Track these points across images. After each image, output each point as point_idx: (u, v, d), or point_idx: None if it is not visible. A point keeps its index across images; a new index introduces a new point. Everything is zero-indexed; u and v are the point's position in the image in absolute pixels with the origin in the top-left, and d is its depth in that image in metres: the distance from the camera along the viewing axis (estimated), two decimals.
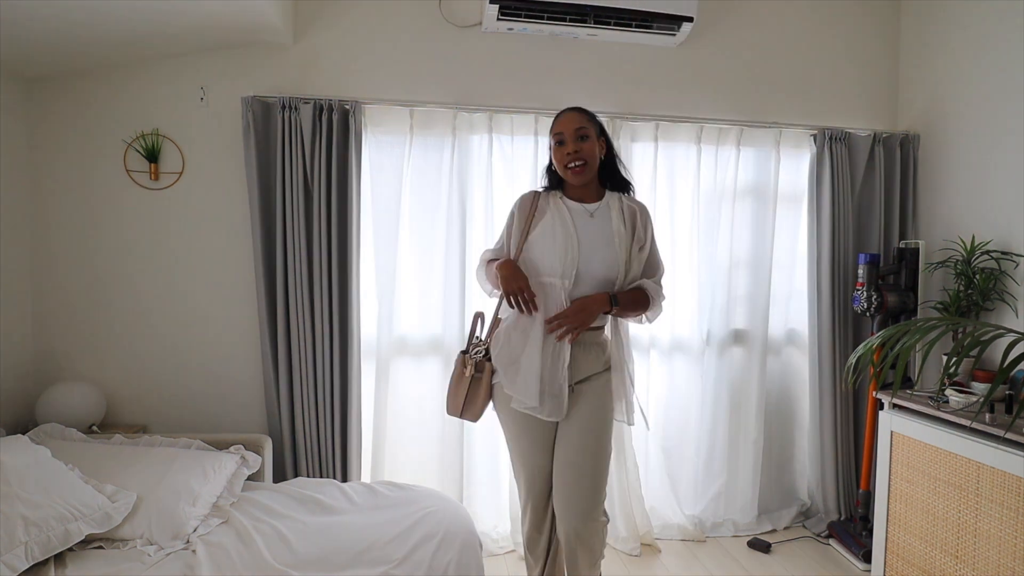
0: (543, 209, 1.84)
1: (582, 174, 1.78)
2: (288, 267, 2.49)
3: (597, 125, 1.84)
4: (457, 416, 1.89)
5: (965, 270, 2.55)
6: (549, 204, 1.84)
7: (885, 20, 3.03)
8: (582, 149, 1.77)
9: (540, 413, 1.76)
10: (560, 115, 1.84)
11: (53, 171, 2.50)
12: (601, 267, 1.77)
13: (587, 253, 1.76)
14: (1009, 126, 2.52)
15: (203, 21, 2.30)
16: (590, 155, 1.78)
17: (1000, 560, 1.90)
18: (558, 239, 1.77)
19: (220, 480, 2.03)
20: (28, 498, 1.67)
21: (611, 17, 2.57)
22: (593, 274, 1.76)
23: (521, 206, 1.89)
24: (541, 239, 1.80)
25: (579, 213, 1.82)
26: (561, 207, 1.82)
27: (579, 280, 1.75)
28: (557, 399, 1.75)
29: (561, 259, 1.75)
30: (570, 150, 1.77)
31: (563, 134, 1.78)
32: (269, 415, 2.58)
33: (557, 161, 1.82)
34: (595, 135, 1.81)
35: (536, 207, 1.85)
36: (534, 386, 1.73)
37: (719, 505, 2.93)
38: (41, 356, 2.53)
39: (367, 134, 2.58)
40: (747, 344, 2.93)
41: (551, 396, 1.75)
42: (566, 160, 1.78)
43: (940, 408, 2.15)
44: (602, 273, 1.77)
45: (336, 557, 1.74)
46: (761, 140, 2.89)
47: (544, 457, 1.85)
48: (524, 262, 1.82)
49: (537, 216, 1.84)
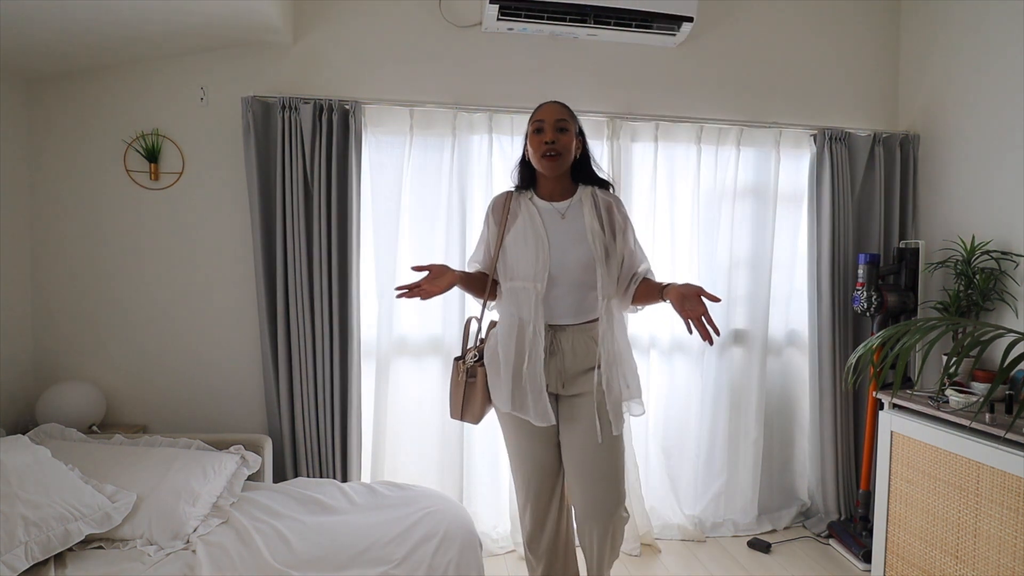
0: (515, 212, 1.83)
1: (556, 163, 1.76)
2: (288, 267, 2.49)
3: (577, 123, 1.83)
4: (458, 419, 1.90)
5: (965, 270, 2.55)
6: (521, 206, 1.83)
7: (885, 20, 3.03)
8: (559, 140, 1.75)
9: (527, 415, 1.75)
10: (542, 105, 1.82)
11: (53, 171, 2.51)
12: (576, 266, 1.75)
13: (559, 255, 1.75)
14: (1009, 126, 2.51)
15: (203, 21, 2.30)
16: (566, 147, 1.77)
17: (1000, 560, 1.90)
18: (528, 243, 1.76)
19: (220, 480, 2.03)
20: (28, 498, 1.67)
21: (611, 17, 2.57)
22: (568, 274, 1.75)
23: (494, 209, 1.88)
24: (513, 244, 1.80)
25: (549, 214, 1.81)
26: (531, 209, 1.81)
27: (553, 283, 1.75)
28: (539, 400, 1.73)
29: (532, 263, 1.75)
30: (548, 139, 1.75)
31: (543, 122, 1.76)
32: (269, 415, 2.58)
33: (533, 148, 1.79)
34: (574, 131, 1.80)
35: (508, 209, 1.85)
36: (507, 388, 1.76)
37: (719, 505, 2.93)
38: (41, 356, 2.53)
39: (367, 134, 2.58)
40: (747, 344, 2.93)
41: (533, 397, 1.74)
42: (543, 149, 1.75)
43: (940, 408, 2.15)
44: (578, 271, 1.76)
45: (336, 557, 1.74)
46: (761, 140, 2.89)
47: (543, 455, 1.85)
48: (500, 266, 1.84)
49: (510, 220, 1.83)
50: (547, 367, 1.76)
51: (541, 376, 1.74)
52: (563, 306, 1.77)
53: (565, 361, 1.78)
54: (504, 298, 1.86)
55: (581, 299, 1.78)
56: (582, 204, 1.82)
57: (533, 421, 1.75)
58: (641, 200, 2.78)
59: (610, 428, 1.76)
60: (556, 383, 1.79)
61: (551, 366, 1.78)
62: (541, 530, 1.92)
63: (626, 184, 2.76)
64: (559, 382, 1.79)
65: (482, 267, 1.93)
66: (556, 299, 1.76)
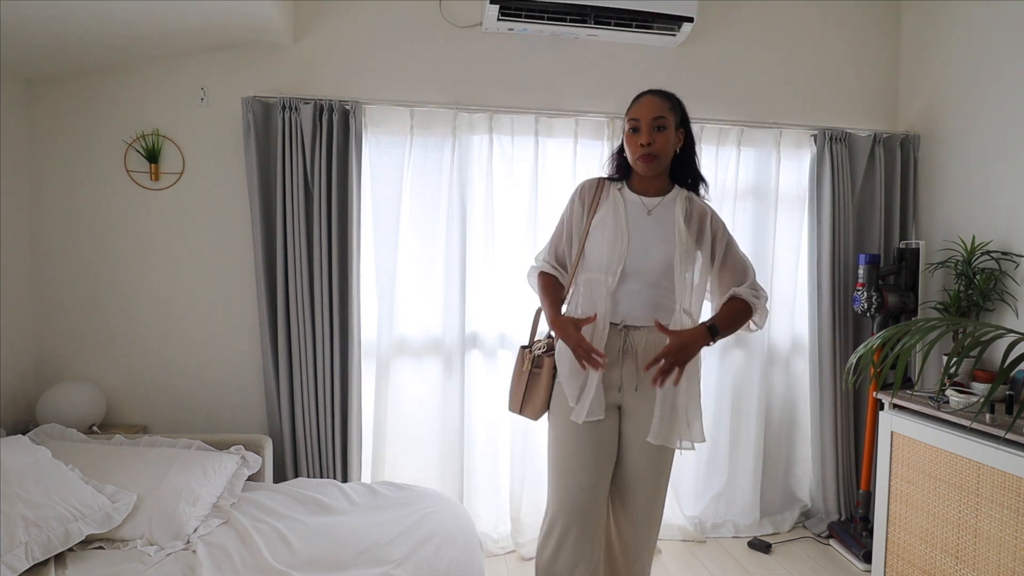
0: (602, 200, 1.74)
1: (652, 164, 1.65)
2: (288, 267, 2.49)
3: (679, 113, 1.69)
4: (517, 412, 1.80)
5: (965, 270, 2.55)
6: (609, 195, 1.74)
7: (885, 20, 3.03)
8: (656, 141, 1.63)
9: (578, 416, 1.64)
10: (639, 98, 1.68)
11: (53, 171, 2.50)
12: (657, 265, 1.65)
13: (638, 250, 1.65)
14: (1009, 126, 2.51)
15: (203, 21, 2.30)
16: (663, 148, 1.65)
17: (1000, 560, 1.90)
18: (607, 234, 1.68)
19: (220, 480, 2.03)
20: (28, 498, 1.67)
21: (611, 17, 2.57)
22: (645, 272, 1.65)
23: (582, 194, 1.77)
24: (593, 234, 1.71)
25: (636, 207, 1.71)
26: (619, 199, 1.71)
27: (625, 278, 1.65)
28: (597, 396, 1.64)
29: (608, 255, 1.66)
30: (644, 140, 1.63)
31: (639, 121, 1.64)
32: (269, 415, 2.58)
33: (629, 149, 1.69)
34: (673, 125, 1.66)
35: (597, 197, 1.74)
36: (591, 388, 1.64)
37: (719, 506, 2.93)
38: (41, 356, 2.53)
39: (367, 134, 2.58)
40: (748, 345, 2.93)
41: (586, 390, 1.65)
42: (638, 151, 1.65)
43: (940, 408, 2.15)
44: (657, 271, 1.66)
45: (336, 557, 1.74)
46: (761, 140, 2.89)
47: (594, 476, 1.68)
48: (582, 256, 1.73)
49: (598, 207, 1.73)
50: (621, 368, 1.66)
51: (598, 372, 1.63)
52: (637, 305, 1.66)
53: (639, 362, 1.66)
54: (579, 290, 1.74)
55: (658, 302, 1.67)
56: (675, 204, 1.71)
57: (579, 416, 1.64)
58: None
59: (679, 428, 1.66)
60: (630, 386, 1.67)
61: (626, 367, 1.66)
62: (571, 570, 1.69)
63: None
64: (632, 384, 1.67)
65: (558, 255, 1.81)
66: (629, 296, 1.66)
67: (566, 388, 1.69)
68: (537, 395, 1.75)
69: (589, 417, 1.64)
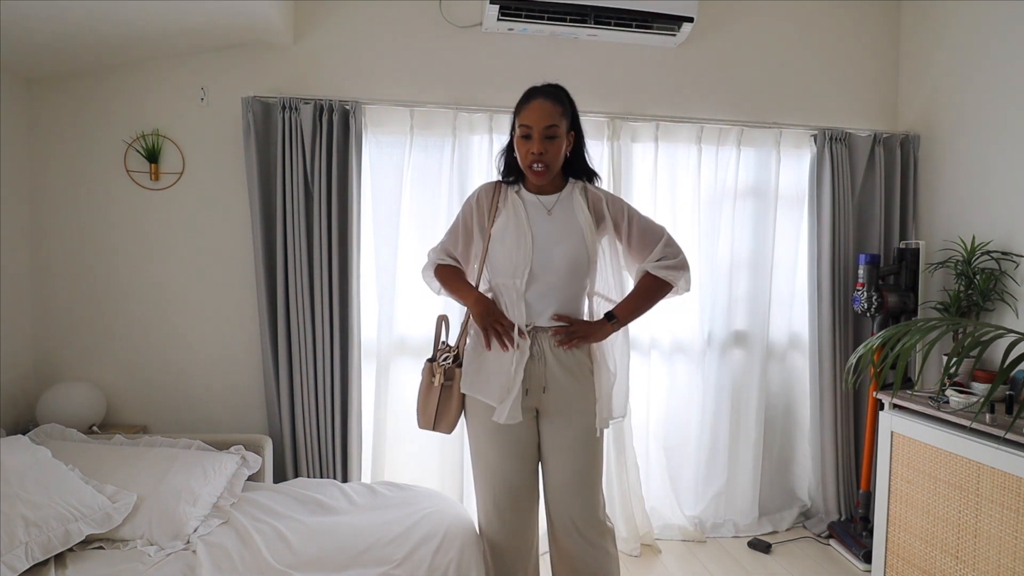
0: (501, 204, 1.74)
1: (543, 175, 1.66)
2: (288, 267, 2.49)
3: (569, 117, 1.68)
4: (430, 429, 1.78)
5: (965, 270, 2.55)
6: (508, 198, 1.73)
7: (885, 20, 3.03)
8: (548, 151, 1.63)
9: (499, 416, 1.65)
10: (531, 100, 1.66)
11: (53, 171, 2.50)
12: (562, 262, 1.67)
13: (543, 250, 1.67)
14: (1009, 126, 2.51)
15: (203, 21, 2.30)
16: (555, 158, 1.66)
17: (1000, 560, 1.90)
18: (509, 237, 1.68)
19: (220, 480, 2.02)
20: (28, 498, 1.67)
21: (611, 17, 2.57)
22: (552, 271, 1.67)
23: (482, 198, 1.77)
24: (496, 239, 1.71)
25: (536, 207, 1.72)
26: (517, 202, 1.72)
27: (533, 279, 1.67)
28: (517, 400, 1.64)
29: (513, 259, 1.67)
30: (535, 150, 1.63)
31: (530, 129, 1.63)
32: (269, 415, 2.58)
33: (520, 154, 1.68)
34: (564, 131, 1.67)
35: (496, 201, 1.74)
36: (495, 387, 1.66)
37: (719, 506, 2.93)
38: (41, 356, 2.53)
39: (367, 134, 2.58)
40: (748, 345, 2.93)
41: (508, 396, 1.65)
42: (529, 159, 1.65)
43: (940, 408, 2.15)
44: (564, 269, 1.68)
45: (336, 557, 1.74)
46: (761, 140, 2.89)
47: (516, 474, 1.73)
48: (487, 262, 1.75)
49: (498, 212, 1.73)
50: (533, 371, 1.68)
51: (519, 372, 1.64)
52: (546, 305, 1.69)
53: (547, 367, 1.69)
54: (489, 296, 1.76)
55: (567, 300, 1.71)
56: (572, 199, 1.73)
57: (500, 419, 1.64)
58: (641, 201, 2.77)
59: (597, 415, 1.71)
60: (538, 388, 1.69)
61: (532, 371, 1.68)
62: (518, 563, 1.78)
63: (626, 185, 2.77)
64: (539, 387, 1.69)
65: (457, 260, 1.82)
66: (538, 298, 1.68)
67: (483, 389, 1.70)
68: (451, 409, 1.76)
69: (509, 420, 1.64)
